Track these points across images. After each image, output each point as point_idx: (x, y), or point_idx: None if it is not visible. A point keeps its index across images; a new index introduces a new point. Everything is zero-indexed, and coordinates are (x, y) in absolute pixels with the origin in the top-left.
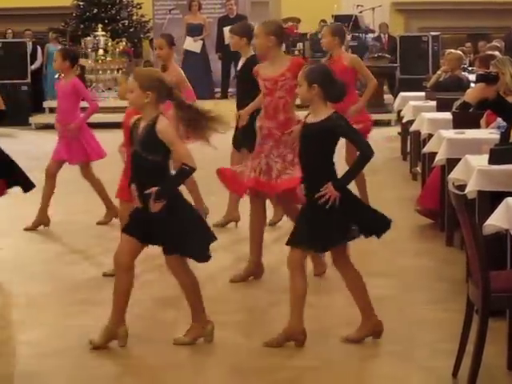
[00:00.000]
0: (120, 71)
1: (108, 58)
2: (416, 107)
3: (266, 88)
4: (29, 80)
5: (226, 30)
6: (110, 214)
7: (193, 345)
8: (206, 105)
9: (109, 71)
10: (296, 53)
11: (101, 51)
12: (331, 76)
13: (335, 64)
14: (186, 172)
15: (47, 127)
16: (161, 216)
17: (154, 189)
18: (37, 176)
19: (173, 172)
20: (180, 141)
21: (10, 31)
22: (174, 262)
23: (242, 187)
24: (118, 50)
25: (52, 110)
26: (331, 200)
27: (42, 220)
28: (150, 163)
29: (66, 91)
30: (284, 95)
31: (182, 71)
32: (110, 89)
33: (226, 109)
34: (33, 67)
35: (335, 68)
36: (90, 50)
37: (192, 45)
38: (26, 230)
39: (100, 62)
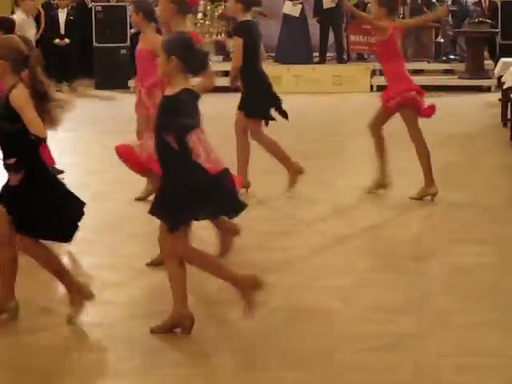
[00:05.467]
0: (219, 35)
1: (207, 22)
2: None
3: None
4: (128, 44)
5: None
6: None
7: (288, 309)
8: (304, 69)
9: (207, 35)
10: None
11: (200, 15)
12: (191, 46)
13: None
14: (34, 142)
15: None
16: (18, 189)
17: (12, 160)
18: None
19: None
20: (29, 108)
21: None
22: (26, 241)
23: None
24: (216, 13)
25: None
26: None
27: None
28: (8, 133)
29: None
30: None
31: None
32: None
33: (324, 74)
34: (132, 31)
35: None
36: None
37: (291, 9)
38: None
39: (199, 25)
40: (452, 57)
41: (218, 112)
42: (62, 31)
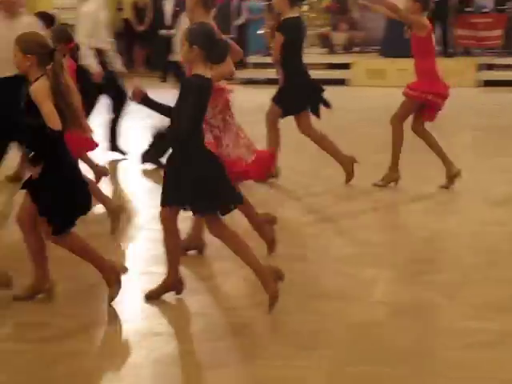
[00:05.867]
0: (323, 28)
1: (312, 15)
2: None
3: None
4: (233, 35)
5: None
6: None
7: (390, 304)
8: (409, 63)
9: (312, 27)
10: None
11: (305, 7)
12: (212, 37)
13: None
14: (49, 135)
15: (250, 82)
16: (36, 181)
17: (31, 154)
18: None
19: None
20: (47, 101)
21: None
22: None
23: None
24: (322, 6)
25: (256, 66)
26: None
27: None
28: (30, 126)
29: None
30: None
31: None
32: (313, 45)
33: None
34: (239, 22)
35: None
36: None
37: (397, 2)
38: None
39: (304, 17)
40: None
41: None
42: (169, 22)
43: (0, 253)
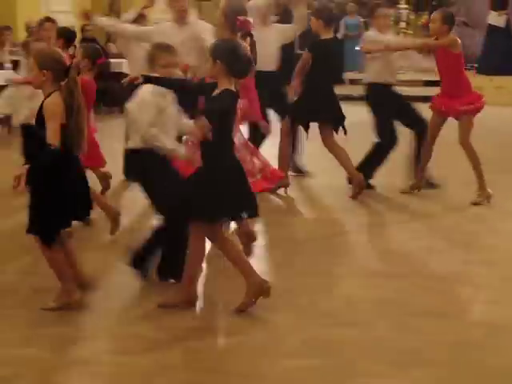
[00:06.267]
0: None
1: (409, 31)
2: None
3: None
4: None
5: None
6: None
7: (488, 324)
8: (507, 81)
9: None
10: None
11: (402, 24)
12: (236, 52)
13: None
14: (47, 151)
15: (347, 98)
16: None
17: (26, 166)
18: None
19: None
20: (54, 119)
21: None
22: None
23: None
24: (419, 23)
25: (353, 82)
26: None
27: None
28: (36, 137)
29: None
30: None
31: None
32: None
33: None
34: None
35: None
36: (391, 22)
37: (496, 19)
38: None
39: (401, 34)
40: None
41: None
42: None
43: None
